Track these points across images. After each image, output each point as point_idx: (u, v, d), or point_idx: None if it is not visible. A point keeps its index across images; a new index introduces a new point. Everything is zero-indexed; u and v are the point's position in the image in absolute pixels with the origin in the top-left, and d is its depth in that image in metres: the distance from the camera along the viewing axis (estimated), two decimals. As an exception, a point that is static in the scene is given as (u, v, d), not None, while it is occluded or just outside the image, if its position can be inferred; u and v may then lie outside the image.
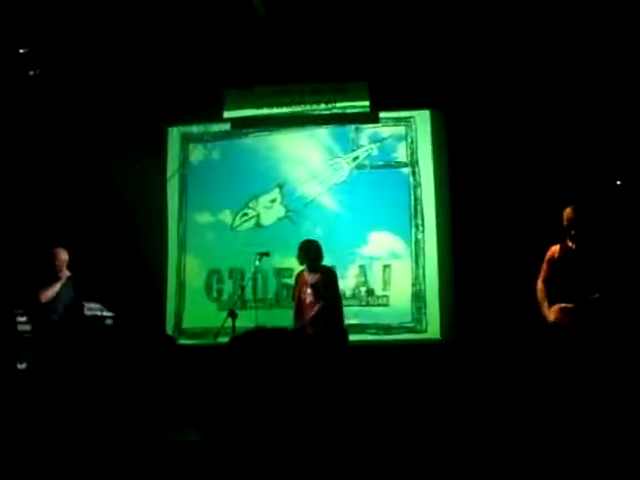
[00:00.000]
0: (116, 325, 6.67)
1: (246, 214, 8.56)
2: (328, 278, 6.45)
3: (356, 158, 8.48)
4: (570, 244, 5.65)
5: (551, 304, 5.70)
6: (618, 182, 7.33)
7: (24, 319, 7.12)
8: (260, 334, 1.37)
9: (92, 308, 7.37)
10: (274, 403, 1.26)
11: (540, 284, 5.81)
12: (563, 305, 5.59)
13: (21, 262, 7.71)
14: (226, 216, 8.58)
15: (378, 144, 8.46)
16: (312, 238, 6.79)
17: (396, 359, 7.60)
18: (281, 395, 1.26)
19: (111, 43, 7.61)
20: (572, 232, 5.59)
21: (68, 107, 7.94)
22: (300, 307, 6.46)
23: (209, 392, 1.32)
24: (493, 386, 6.68)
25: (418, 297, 8.10)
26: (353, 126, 8.50)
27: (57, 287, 6.97)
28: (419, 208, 8.25)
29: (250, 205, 8.56)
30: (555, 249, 5.78)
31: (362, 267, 8.23)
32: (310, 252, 6.47)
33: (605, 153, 7.32)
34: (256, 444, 1.27)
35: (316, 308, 6.30)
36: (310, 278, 6.44)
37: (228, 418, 1.28)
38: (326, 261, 6.61)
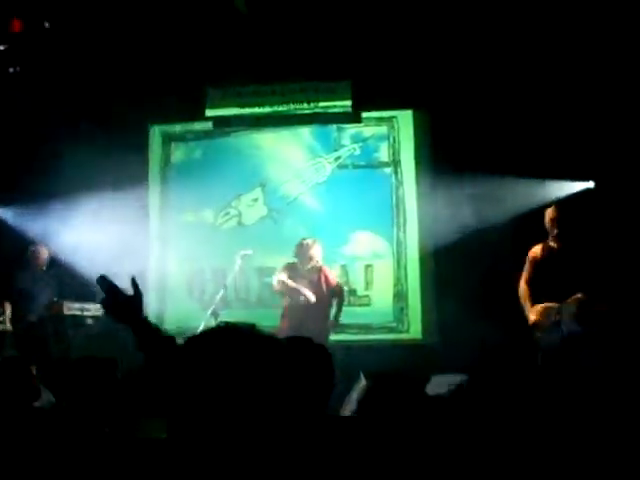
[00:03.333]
0: None
1: (228, 213, 8.51)
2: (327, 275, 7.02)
3: (338, 158, 8.46)
4: (553, 244, 5.69)
5: (534, 304, 5.74)
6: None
7: (2, 318, 7.05)
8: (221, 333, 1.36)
9: (72, 308, 7.32)
10: (239, 400, 1.25)
11: (523, 284, 5.84)
12: (546, 305, 5.63)
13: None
14: (208, 215, 8.52)
15: (360, 144, 8.45)
16: (294, 237, 7.12)
17: (377, 359, 7.60)
18: (247, 393, 1.25)
19: (93, 41, 7.55)
20: (555, 232, 5.63)
21: (49, 106, 7.86)
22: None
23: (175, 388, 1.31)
24: (474, 386, 6.69)
25: (400, 297, 8.11)
26: (335, 126, 8.48)
27: None
28: (401, 208, 8.25)
29: (232, 204, 8.51)
30: (537, 249, 5.81)
31: (344, 267, 8.22)
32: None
33: (586, 154, 7.40)
34: (220, 442, 1.25)
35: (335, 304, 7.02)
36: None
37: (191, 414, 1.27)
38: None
